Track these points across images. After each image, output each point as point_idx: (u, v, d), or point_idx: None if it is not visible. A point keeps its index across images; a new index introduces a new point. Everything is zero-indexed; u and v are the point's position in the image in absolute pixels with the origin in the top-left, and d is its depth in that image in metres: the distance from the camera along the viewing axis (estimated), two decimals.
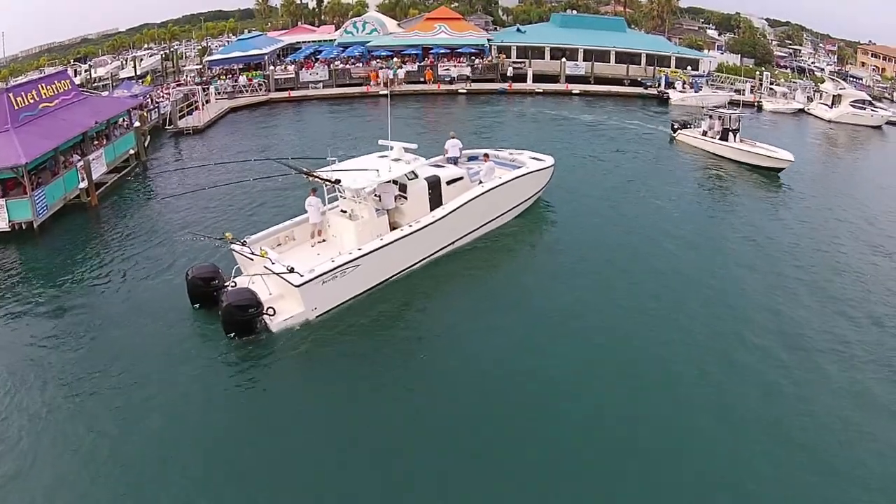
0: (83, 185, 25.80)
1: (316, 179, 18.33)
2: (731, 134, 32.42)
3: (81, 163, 26.16)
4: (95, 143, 29.22)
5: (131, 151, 31.70)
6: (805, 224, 24.13)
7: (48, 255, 21.36)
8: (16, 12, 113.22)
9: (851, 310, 17.13)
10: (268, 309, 15.50)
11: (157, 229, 23.14)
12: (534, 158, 23.60)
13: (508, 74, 53.90)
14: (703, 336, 15.70)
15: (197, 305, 16.64)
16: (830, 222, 24.38)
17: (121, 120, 33.27)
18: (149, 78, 51.42)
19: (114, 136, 31.00)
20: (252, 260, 16.66)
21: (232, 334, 15.11)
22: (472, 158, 24.04)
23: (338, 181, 17.85)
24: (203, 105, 43.08)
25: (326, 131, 38.80)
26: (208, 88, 47.98)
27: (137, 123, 33.12)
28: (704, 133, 34.55)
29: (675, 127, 37.20)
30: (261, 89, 49.75)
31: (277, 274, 15.79)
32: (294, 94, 49.83)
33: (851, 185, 30.92)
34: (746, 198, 27.25)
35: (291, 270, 15.67)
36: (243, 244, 17.08)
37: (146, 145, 35.13)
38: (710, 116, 34.44)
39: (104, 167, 28.81)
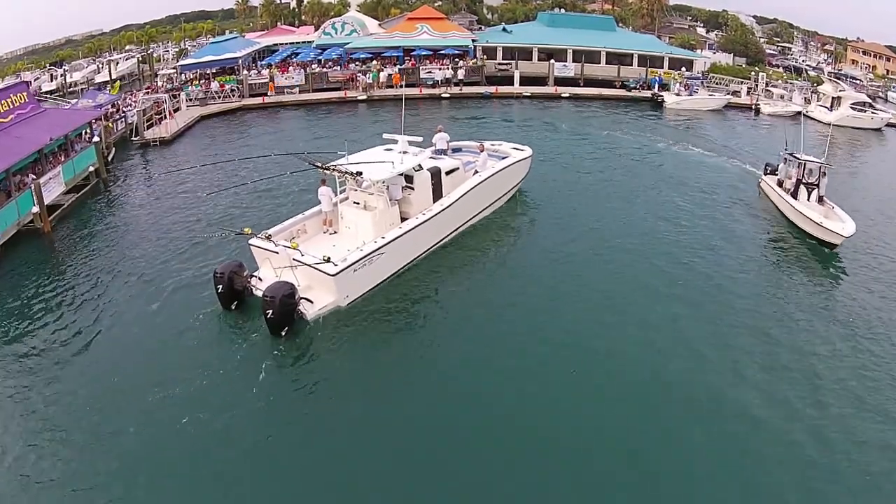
0: (36, 209, 23.36)
1: (333, 173, 18.84)
2: (803, 189, 23.95)
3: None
4: (51, 161, 26.72)
5: (91, 168, 29.20)
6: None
7: (7, 290, 19.09)
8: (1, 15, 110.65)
9: None
10: (304, 299, 15.84)
11: (124, 252, 21.54)
12: (515, 148, 24.92)
13: (461, 76, 50.80)
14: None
15: (234, 305, 16.70)
16: None
17: (84, 133, 30.73)
18: (117, 84, 48.55)
19: (73, 151, 28.49)
20: (277, 253, 16.76)
21: (285, 329, 15.27)
22: (456, 150, 24.89)
23: (360, 173, 18.25)
24: (171, 113, 40.40)
25: (306, 140, 36.52)
26: (178, 95, 45.38)
27: (97, 138, 30.44)
28: (780, 183, 26.03)
29: (768, 170, 27.86)
30: (233, 95, 47.14)
31: (312, 265, 16.06)
32: (268, 99, 47.27)
33: None
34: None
35: (327, 260, 16.05)
36: (268, 238, 17.42)
37: (110, 159, 32.87)
38: (788, 162, 25.83)
39: (62, 186, 26.41)
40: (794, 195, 24.22)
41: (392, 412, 12.97)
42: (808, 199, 23.70)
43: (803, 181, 24.09)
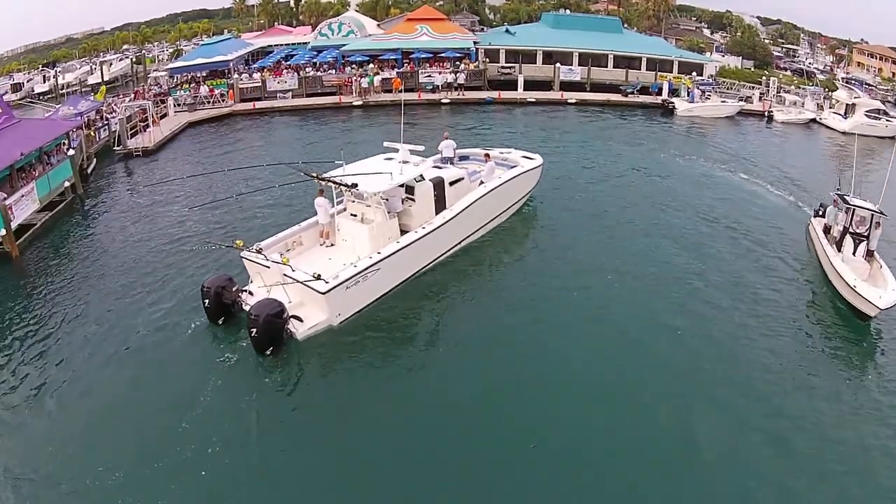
0: (4, 231, 21.47)
1: (329, 184, 18.10)
2: (849, 240, 19.43)
3: (9, 201, 22.11)
4: (24, 176, 24.72)
5: (67, 184, 27.17)
6: None
7: None
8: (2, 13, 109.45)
9: None
10: (293, 317, 15.21)
11: (100, 273, 20.17)
12: (525, 157, 23.91)
13: (462, 81, 48.41)
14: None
15: (222, 320, 16.12)
16: None
17: (62, 143, 28.77)
18: (102, 89, 46.56)
19: (49, 165, 26.50)
20: (269, 268, 16.04)
21: (270, 350, 14.63)
22: (462, 158, 24.27)
23: (355, 185, 17.49)
24: (157, 120, 38.36)
25: (300, 148, 34.77)
26: (166, 100, 43.38)
27: (72, 152, 28.38)
28: (827, 230, 21.13)
29: (819, 211, 22.65)
30: (223, 100, 45.08)
31: (302, 282, 15.31)
32: (259, 105, 45.22)
33: None
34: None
35: (318, 277, 15.22)
36: (259, 251, 16.73)
37: (90, 171, 30.95)
38: (837, 205, 20.73)
39: (36, 204, 24.51)
40: (839, 247, 19.76)
41: (384, 429, 12.70)
42: (854, 254, 19.21)
43: (850, 230, 19.56)
